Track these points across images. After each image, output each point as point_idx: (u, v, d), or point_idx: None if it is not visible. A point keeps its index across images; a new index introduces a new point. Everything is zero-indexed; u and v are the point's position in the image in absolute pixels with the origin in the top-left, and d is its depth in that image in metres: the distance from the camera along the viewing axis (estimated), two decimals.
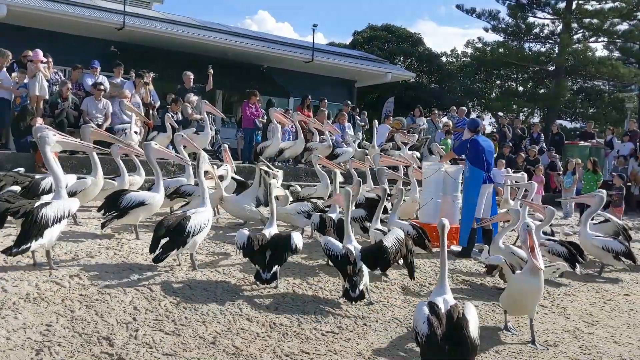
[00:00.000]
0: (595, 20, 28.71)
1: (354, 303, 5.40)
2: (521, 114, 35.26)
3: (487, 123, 29.15)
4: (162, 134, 10.88)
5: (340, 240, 5.73)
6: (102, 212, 6.49)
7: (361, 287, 5.32)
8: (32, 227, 4.86)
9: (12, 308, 4.43)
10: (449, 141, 14.00)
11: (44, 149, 5.46)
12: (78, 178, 7.05)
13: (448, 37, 75.71)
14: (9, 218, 5.10)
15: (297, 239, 5.65)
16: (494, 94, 33.68)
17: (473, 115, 23.66)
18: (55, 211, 5.04)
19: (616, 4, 27.94)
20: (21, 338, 4.03)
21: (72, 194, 6.55)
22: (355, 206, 7.08)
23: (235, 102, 20.39)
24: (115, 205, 6.29)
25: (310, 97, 14.66)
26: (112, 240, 6.56)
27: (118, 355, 3.99)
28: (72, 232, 6.69)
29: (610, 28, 29.01)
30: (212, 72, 13.10)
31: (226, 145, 9.58)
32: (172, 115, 11.42)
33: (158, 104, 12.55)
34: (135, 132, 10.53)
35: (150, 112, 11.87)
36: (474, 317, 4.06)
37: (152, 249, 5.46)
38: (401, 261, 5.84)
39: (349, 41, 34.43)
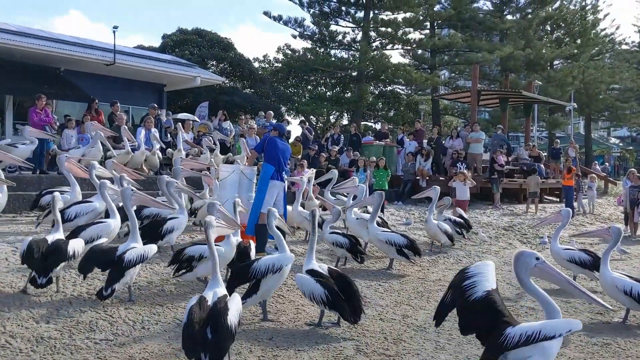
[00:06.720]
0: (389, 29, 31.14)
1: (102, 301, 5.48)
2: (331, 116, 37.42)
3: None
4: None
5: None
6: None
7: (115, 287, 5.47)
8: None
9: None
10: (239, 144, 14.59)
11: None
12: None
13: (270, 42, 77.43)
14: None
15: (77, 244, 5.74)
16: (305, 99, 35.01)
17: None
18: None
19: (407, 14, 30.60)
20: None
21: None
22: None
23: (30, 107, 18.77)
24: None
25: (97, 100, 14.34)
26: None
27: None
28: None
29: (403, 36, 31.73)
30: None
31: None
32: None
33: None
34: None
35: None
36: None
37: None
38: None
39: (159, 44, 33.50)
